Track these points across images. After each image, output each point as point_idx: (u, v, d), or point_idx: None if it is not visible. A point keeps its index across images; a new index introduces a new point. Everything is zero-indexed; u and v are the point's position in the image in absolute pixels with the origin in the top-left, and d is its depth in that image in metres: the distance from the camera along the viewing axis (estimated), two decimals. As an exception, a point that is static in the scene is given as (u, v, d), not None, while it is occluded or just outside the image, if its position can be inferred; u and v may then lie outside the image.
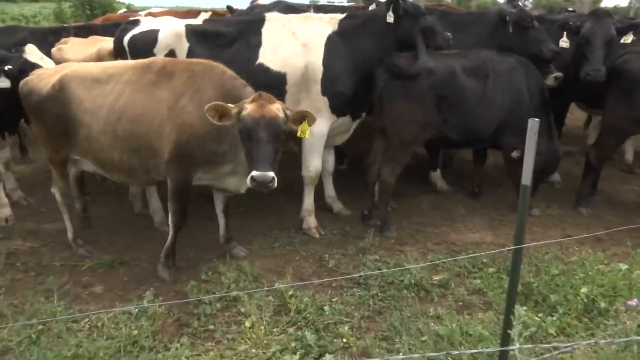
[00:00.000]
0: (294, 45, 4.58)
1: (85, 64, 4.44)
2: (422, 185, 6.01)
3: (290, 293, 3.60)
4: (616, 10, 18.86)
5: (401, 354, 3.11)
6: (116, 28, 5.43)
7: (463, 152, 6.98)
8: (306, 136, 3.69)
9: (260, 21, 4.76)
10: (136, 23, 5.13)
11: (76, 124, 3.97)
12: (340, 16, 4.82)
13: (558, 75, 5.33)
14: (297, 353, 3.05)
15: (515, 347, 2.39)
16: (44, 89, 4.03)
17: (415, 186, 5.95)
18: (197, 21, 5.32)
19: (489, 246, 4.60)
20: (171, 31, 4.73)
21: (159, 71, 3.87)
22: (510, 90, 4.89)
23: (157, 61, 4.03)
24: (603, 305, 3.43)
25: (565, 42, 5.35)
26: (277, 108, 3.41)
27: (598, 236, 4.59)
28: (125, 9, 15.27)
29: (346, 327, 3.32)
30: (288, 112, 3.49)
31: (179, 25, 4.84)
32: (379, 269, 4.08)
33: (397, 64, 4.58)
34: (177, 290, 3.86)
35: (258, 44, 4.60)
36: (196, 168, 3.82)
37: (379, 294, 3.77)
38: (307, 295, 3.65)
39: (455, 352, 2.17)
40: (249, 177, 3.32)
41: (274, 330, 3.32)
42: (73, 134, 4.01)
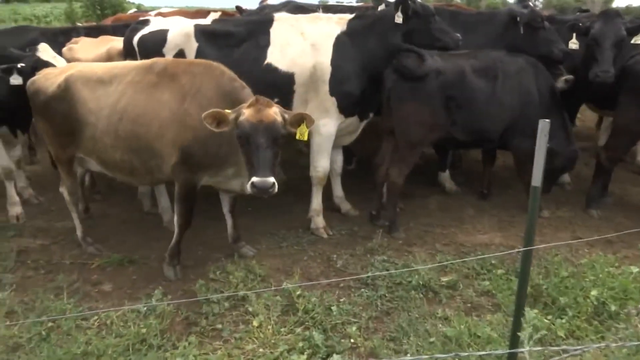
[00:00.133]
0: (303, 45, 4.58)
1: (91, 64, 4.48)
2: (431, 186, 5.99)
3: (298, 293, 3.61)
4: (628, 10, 18.61)
5: (409, 355, 3.10)
6: (126, 28, 5.45)
7: (472, 153, 6.95)
8: (304, 139, 3.65)
9: (268, 21, 4.77)
10: (146, 23, 5.15)
11: (81, 124, 4.00)
12: (349, 16, 4.81)
13: (568, 78, 5.28)
14: (305, 353, 3.05)
15: (524, 350, 2.38)
16: (50, 89, 4.08)
17: (423, 187, 5.93)
18: (207, 21, 5.33)
19: (498, 247, 4.57)
20: (180, 31, 4.75)
21: (160, 72, 3.89)
22: (519, 90, 4.86)
23: (159, 62, 4.04)
24: (614, 308, 3.40)
25: (574, 44, 5.29)
26: (275, 112, 3.38)
27: (609, 238, 4.54)
28: (135, 9, 15.36)
29: (354, 328, 3.32)
30: (286, 116, 3.45)
31: (188, 25, 4.86)
32: (387, 270, 4.07)
33: (406, 65, 4.56)
34: (186, 289, 3.88)
35: (266, 44, 4.61)
36: (202, 171, 3.83)
37: (387, 295, 3.76)
38: (315, 295, 3.66)
39: (463, 354, 2.16)
40: (249, 183, 3.30)
41: (282, 330, 3.32)
42: (78, 134, 4.05)
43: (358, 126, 4.96)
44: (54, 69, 4.46)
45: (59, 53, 5.68)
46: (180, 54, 4.67)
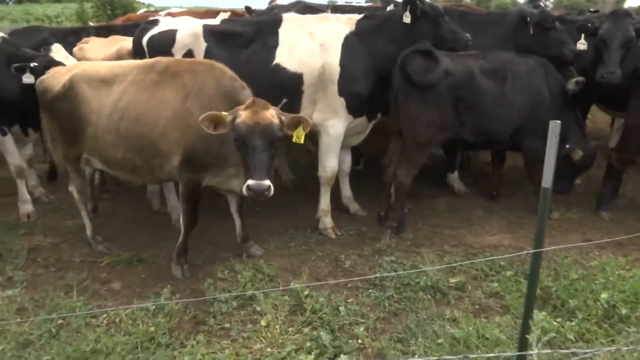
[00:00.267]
0: (311, 45, 4.58)
1: (95, 63, 4.52)
2: (439, 186, 5.96)
3: (305, 293, 3.61)
4: (641, 10, 18.38)
5: (417, 356, 3.09)
6: (136, 28, 5.49)
7: (481, 154, 6.91)
8: (301, 141, 3.61)
9: (277, 21, 4.77)
10: (155, 23, 5.17)
11: (83, 122, 4.04)
12: (357, 16, 4.81)
13: (579, 79, 5.22)
14: (312, 353, 3.05)
15: (533, 352, 2.36)
16: (56, 88, 4.13)
17: (432, 188, 5.91)
18: (216, 21, 5.35)
19: (507, 249, 4.54)
20: (189, 31, 4.77)
21: (162, 71, 3.91)
22: (529, 91, 4.83)
23: (162, 61, 4.06)
24: (624, 311, 3.37)
25: (582, 44, 5.23)
26: (272, 114, 3.36)
27: (619, 241, 4.50)
28: (145, 9, 15.46)
29: (361, 328, 3.32)
30: (283, 118, 3.43)
31: (197, 25, 4.88)
32: (395, 271, 4.06)
33: (411, 75, 4.49)
34: (194, 288, 3.90)
35: (275, 45, 4.61)
36: (204, 170, 3.84)
37: (395, 296, 3.75)
38: (323, 295, 3.65)
39: (472, 356, 2.15)
40: (245, 186, 3.29)
41: (290, 329, 3.32)
42: (81, 132, 4.09)
43: (366, 126, 4.96)
44: (62, 68, 4.50)
45: (70, 53, 5.74)
46: (188, 54, 4.69)
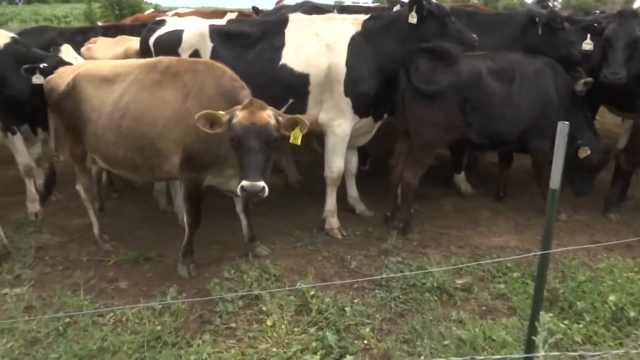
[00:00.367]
0: (317, 45, 4.58)
1: (99, 63, 4.56)
2: (446, 187, 5.94)
3: (311, 293, 3.61)
4: (650, 10, 18.24)
5: (422, 358, 3.08)
6: (143, 28, 5.51)
7: (488, 155, 6.87)
8: (298, 143, 3.57)
9: (283, 22, 4.77)
10: (162, 23, 5.19)
11: (85, 121, 4.07)
12: (364, 17, 4.80)
13: (588, 80, 5.17)
14: (318, 353, 3.05)
15: (540, 354, 2.35)
16: (61, 87, 4.17)
17: (438, 188, 5.88)
18: (222, 22, 5.36)
19: (514, 250, 4.52)
20: (195, 31, 4.78)
21: (164, 70, 3.92)
22: (537, 92, 4.80)
23: (163, 60, 4.07)
24: (632, 314, 3.34)
25: (588, 45, 5.20)
26: (269, 115, 3.34)
27: (628, 243, 4.46)
28: (152, 9, 15.53)
29: (367, 329, 3.31)
30: (280, 119, 3.42)
31: (203, 25, 4.89)
32: (401, 271, 4.05)
33: (416, 83, 4.49)
34: (200, 287, 3.91)
35: (281, 45, 4.61)
36: (205, 170, 3.85)
37: (401, 297, 3.74)
38: (329, 295, 3.65)
39: (479, 358, 2.14)
40: (239, 187, 3.27)
41: (295, 329, 3.33)
42: (83, 131, 4.12)
43: (373, 127, 4.95)
44: (69, 68, 4.54)
45: (77, 52, 5.78)
46: (195, 54, 4.70)
